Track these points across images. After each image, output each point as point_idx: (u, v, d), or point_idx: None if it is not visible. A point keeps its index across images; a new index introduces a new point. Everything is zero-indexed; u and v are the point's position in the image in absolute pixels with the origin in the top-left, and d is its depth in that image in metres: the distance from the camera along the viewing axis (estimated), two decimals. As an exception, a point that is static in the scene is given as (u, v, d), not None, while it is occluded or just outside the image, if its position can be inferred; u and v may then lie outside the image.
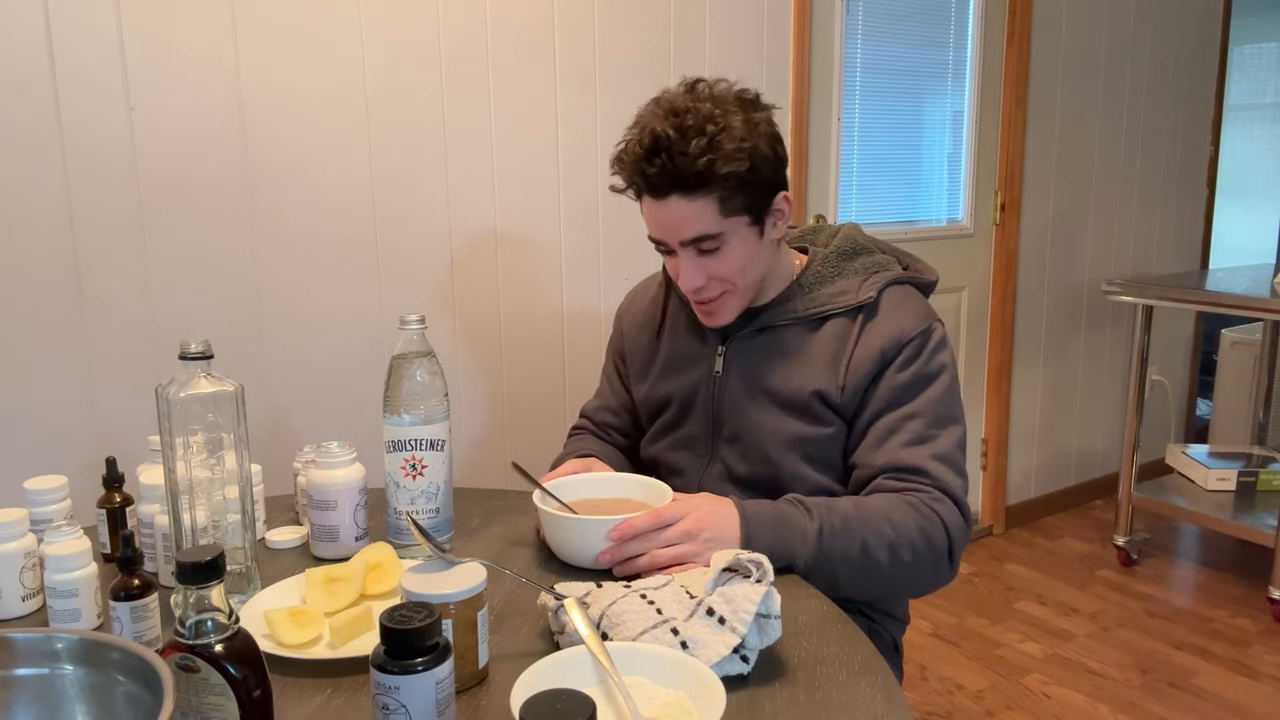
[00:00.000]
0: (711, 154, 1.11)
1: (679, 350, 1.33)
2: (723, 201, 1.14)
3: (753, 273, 1.21)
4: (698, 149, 1.10)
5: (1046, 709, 2.20)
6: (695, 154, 1.10)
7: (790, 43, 2.40)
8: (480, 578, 0.84)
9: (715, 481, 1.28)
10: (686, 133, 1.11)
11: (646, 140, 1.13)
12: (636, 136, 1.15)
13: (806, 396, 1.22)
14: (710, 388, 1.29)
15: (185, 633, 0.70)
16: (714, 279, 1.19)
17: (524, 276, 2.07)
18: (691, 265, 1.18)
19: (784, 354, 1.25)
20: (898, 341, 1.19)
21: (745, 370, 1.26)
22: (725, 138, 1.11)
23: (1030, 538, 3.16)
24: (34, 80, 1.53)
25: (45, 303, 1.59)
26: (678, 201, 1.14)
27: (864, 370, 1.19)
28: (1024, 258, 3.09)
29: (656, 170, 1.12)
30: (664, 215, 1.16)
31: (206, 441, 0.98)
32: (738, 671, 0.87)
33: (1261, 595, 2.74)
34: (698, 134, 1.11)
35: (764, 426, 1.24)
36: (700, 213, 1.14)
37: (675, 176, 1.12)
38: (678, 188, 1.13)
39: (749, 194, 1.15)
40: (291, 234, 1.79)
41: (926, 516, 1.12)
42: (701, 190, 1.13)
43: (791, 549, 1.08)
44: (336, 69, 1.80)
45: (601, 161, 2.14)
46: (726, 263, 1.18)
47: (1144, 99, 3.34)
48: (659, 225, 1.18)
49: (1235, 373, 3.51)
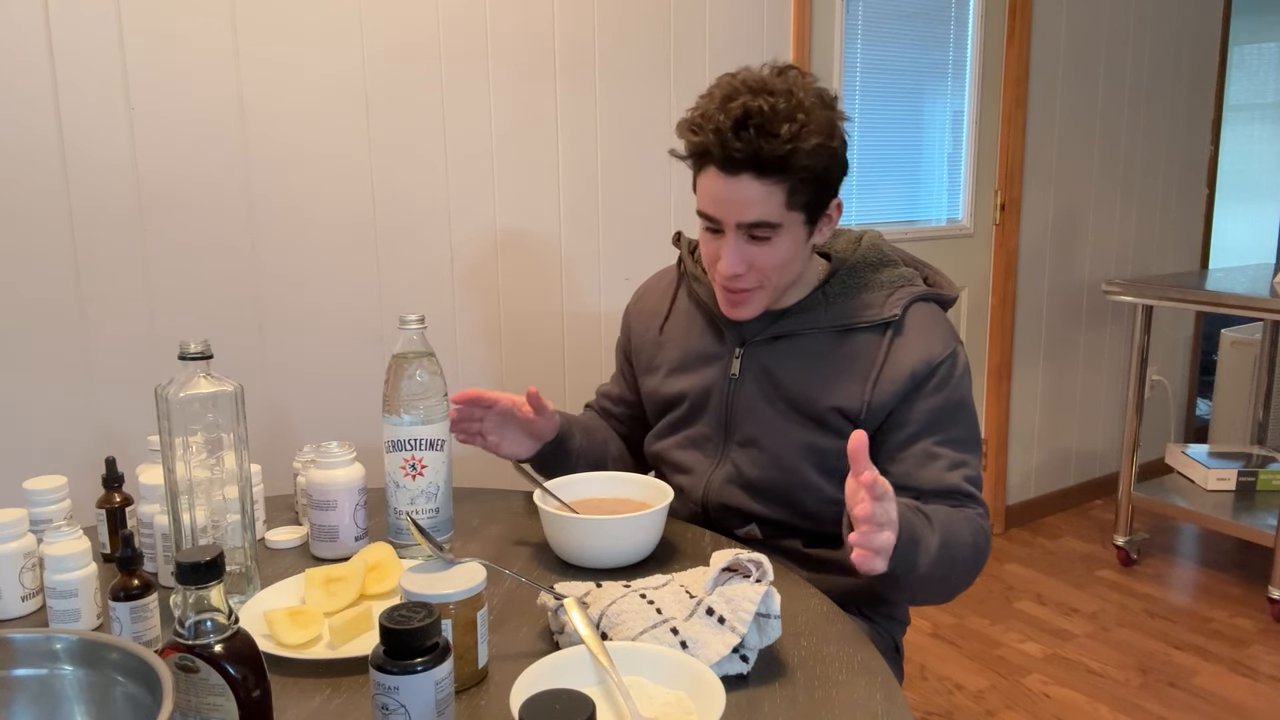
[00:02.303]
0: (797, 142, 1.10)
1: (693, 348, 1.33)
2: (791, 193, 1.13)
3: (790, 272, 1.21)
4: (788, 133, 1.09)
5: (1046, 709, 2.20)
6: (784, 138, 1.09)
7: (790, 43, 2.40)
8: (480, 578, 0.84)
9: (722, 483, 1.27)
10: (779, 115, 1.10)
11: (738, 111, 1.10)
12: (722, 105, 1.12)
13: (825, 409, 1.21)
14: (725, 390, 1.28)
15: (185, 633, 0.70)
16: (755, 270, 1.18)
17: (524, 276, 2.07)
18: (737, 250, 1.17)
19: (805, 363, 1.24)
20: (929, 364, 1.19)
21: (763, 375, 1.25)
22: (812, 131, 1.11)
23: (1030, 538, 3.16)
24: (34, 80, 1.53)
25: (45, 303, 1.59)
26: (749, 181, 1.12)
27: (893, 390, 1.19)
28: (1024, 258, 3.09)
29: (742, 144, 1.10)
30: (730, 192, 1.14)
31: (206, 441, 0.98)
32: (737, 671, 0.87)
33: (1261, 595, 2.74)
34: (788, 119, 1.10)
35: (780, 433, 1.23)
36: (767, 198, 1.13)
37: (756, 155, 1.10)
38: (754, 167, 1.11)
39: (814, 192, 1.15)
40: (291, 234, 1.79)
41: (978, 531, 1.13)
42: (776, 176, 1.12)
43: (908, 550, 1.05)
44: (337, 69, 1.80)
45: (602, 161, 2.14)
46: (772, 256, 1.17)
47: (1144, 99, 3.34)
48: (720, 202, 1.15)
49: (1235, 373, 3.51)
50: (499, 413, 1.25)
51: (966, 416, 1.21)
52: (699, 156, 1.17)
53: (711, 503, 1.28)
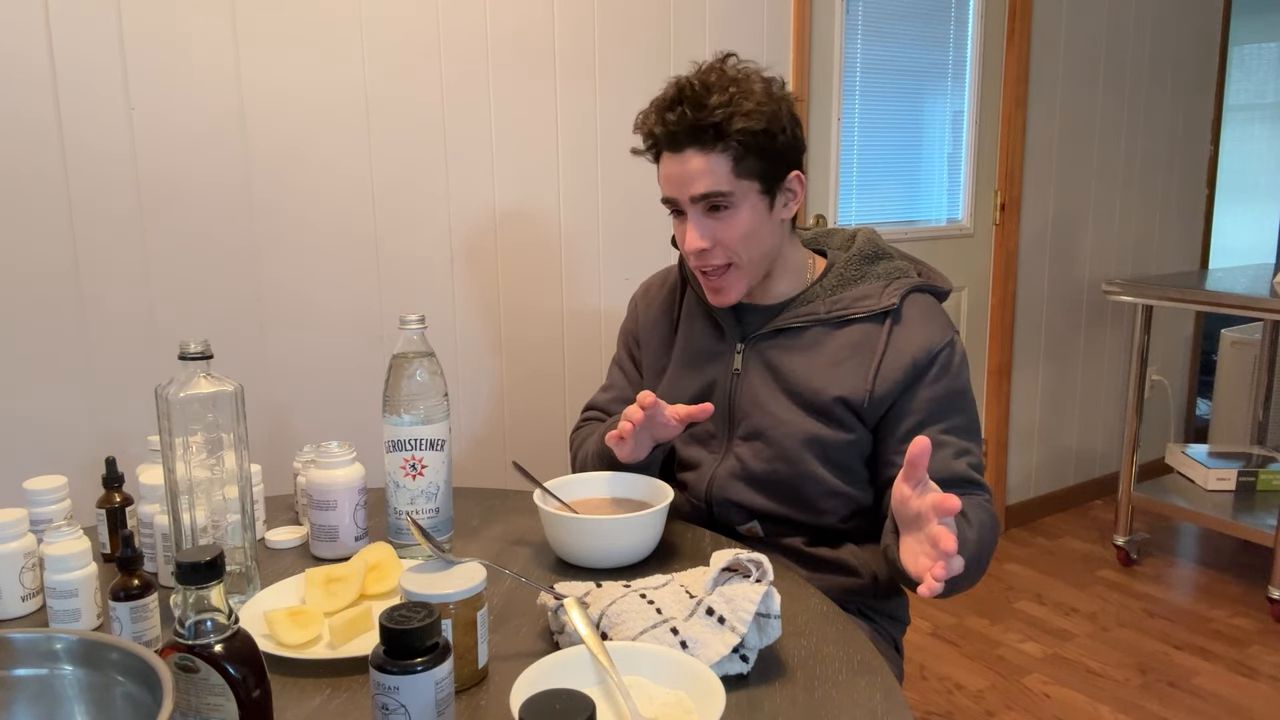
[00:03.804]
0: (730, 108, 1.15)
1: (695, 347, 1.34)
2: (736, 160, 1.17)
3: (758, 247, 1.22)
4: (718, 102, 1.15)
5: (1046, 709, 2.20)
6: (714, 106, 1.15)
7: (790, 42, 2.40)
8: (480, 578, 0.84)
9: (726, 478, 1.28)
10: (710, 88, 1.16)
11: (670, 91, 1.19)
12: (660, 95, 1.20)
13: (829, 401, 1.22)
14: (728, 385, 1.29)
15: (185, 633, 0.70)
16: (719, 244, 1.20)
17: (524, 276, 2.07)
18: (698, 225, 1.20)
19: (806, 355, 1.25)
20: (929, 352, 1.21)
21: (766, 370, 1.27)
22: (745, 97, 1.16)
23: (1030, 537, 3.16)
24: (34, 80, 1.53)
25: (45, 303, 1.59)
26: (693, 154, 1.17)
27: (895, 379, 1.20)
28: (1024, 258, 3.09)
29: (676, 118, 1.17)
30: (678, 169, 1.19)
31: (206, 441, 0.98)
32: (737, 671, 0.87)
33: (1261, 595, 2.74)
34: (718, 90, 1.16)
35: (784, 426, 1.24)
36: (713, 167, 1.17)
37: (693, 126, 1.16)
38: (695, 140, 1.16)
39: (762, 158, 1.18)
40: (291, 233, 1.79)
41: (992, 517, 1.16)
42: (717, 144, 1.16)
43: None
44: (336, 69, 1.80)
45: (602, 161, 2.14)
46: (733, 227, 1.20)
47: (1144, 99, 3.34)
48: (672, 180, 1.20)
49: (1235, 373, 3.51)
50: (649, 418, 1.20)
51: (967, 404, 1.23)
52: (650, 147, 1.24)
53: (715, 498, 1.29)
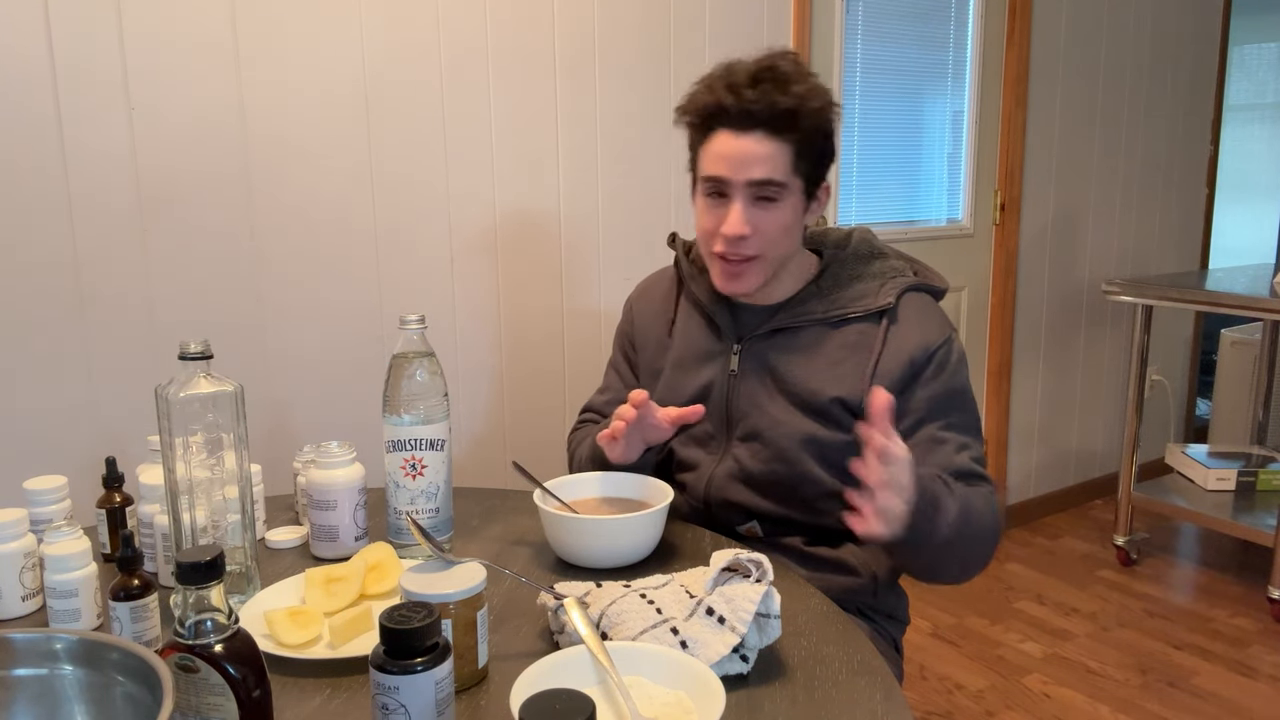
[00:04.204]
0: (807, 101, 1.16)
1: (693, 348, 1.33)
2: (797, 155, 1.18)
3: (786, 245, 1.23)
4: (799, 90, 1.15)
5: (1046, 709, 2.20)
6: (796, 93, 1.15)
7: (790, 43, 2.40)
8: (480, 578, 0.84)
9: (724, 479, 1.28)
10: (791, 74, 1.16)
11: (751, 67, 1.17)
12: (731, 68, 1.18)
13: (827, 401, 1.22)
14: (725, 386, 1.29)
15: (185, 633, 0.70)
16: (757, 234, 1.20)
17: (524, 276, 2.07)
18: (745, 211, 1.19)
19: (803, 355, 1.25)
20: (926, 351, 1.21)
21: (763, 370, 1.26)
22: (819, 94, 1.18)
23: (1030, 538, 3.16)
24: (34, 80, 1.53)
25: (45, 302, 1.59)
26: (761, 138, 1.16)
27: (893, 377, 1.20)
28: (1024, 258, 3.09)
29: (756, 96, 1.15)
30: (740, 149, 1.17)
31: (206, 441, 0.98)
32: (737, 671, 0.87)
33: (1261, 595, 2.74)
34: (799, 80, 1.16)
35: (782, 426, 1.24)
36: (776, 156, 1.17)
37: (771, 108, 1.15)
38: (766, 122, 1.16)
39: (815, 160, 1.20)
40: (291, 233, 1.79)
41: (989, 504, 1.15)
42: (786, 134, 1.16)
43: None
44: (336, 68, 1.80)
45: (602, 161, 2.14)
46: (775, 220, 1.19)
47: (1144, 99, 3.34)
48: (730, 160, 1.18)
49: (1235, 373, 3.51)
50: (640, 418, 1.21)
51: (966, 402, 1.23)
52: (709, 118, 1.20)
53: (714, 498, 1.29)
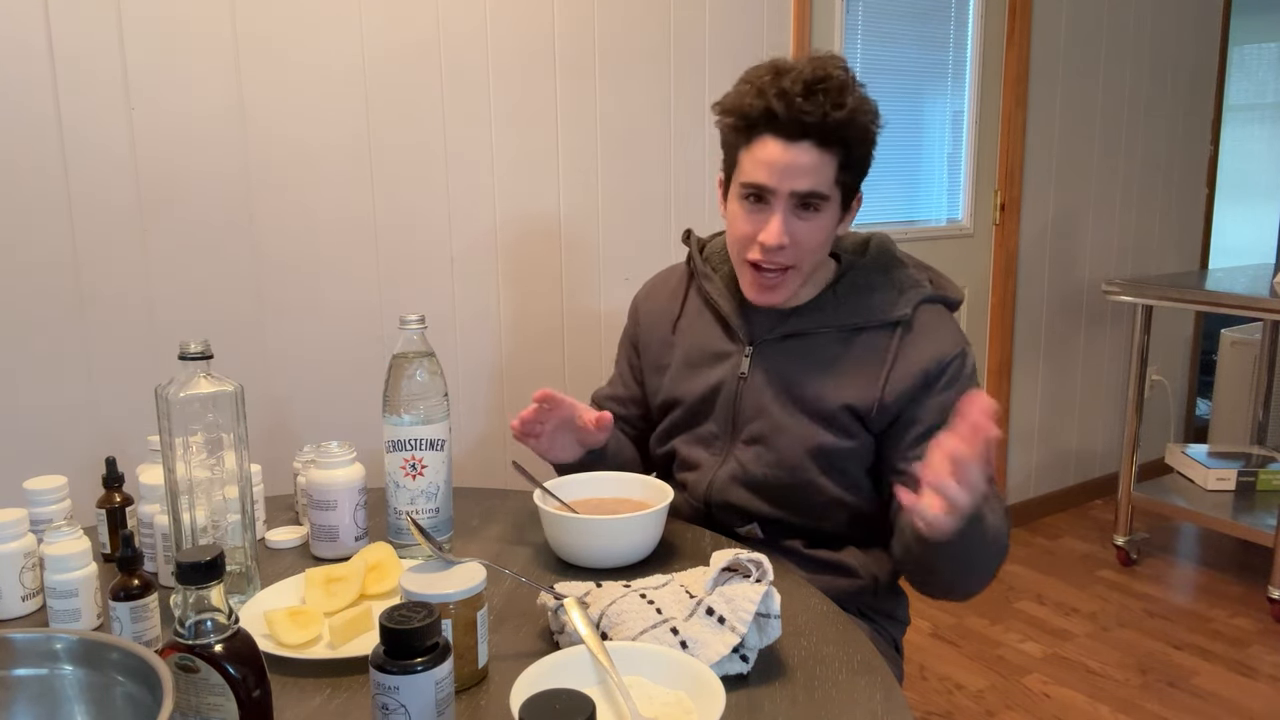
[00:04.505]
0: (857, 115, 1.14)
1: (702, 348, 1.32)
2: (841, 167, 1.17)
3: (820, 255, 1.22)
4: (851, 104, 1.14)
5: (1046, 709, 2.20)
6: (850, 107, 1.13)
7: (790, 43, 2.40)
8: (480, 578, 0.84)
9: (726, 481, 1.27)
10: (845, 87, 1.14)
11: (807, 75, 1.13)
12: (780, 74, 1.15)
13: (836, 408, 1.21)
14: (734, 388, 1.28)
15: (185, 633, 0.70)
16: (795, 244, 1.18)
17: (524, 276, 2.07)
18: (785, 221, 1.17)
19: (815, 362, 1.24)
20: (939, 362, 1.20)
21: (773, 375, 1.25)
22: (867, 109, 1.16)
23: (1030, 538, 3.16)
24: (34, 80, 1.53)
25: (45, 302, 1.59)
26: (809, 148, 1.14)
27: (905, 388, 1.19)
28: (1024, 258, 3.09)
29: (811, 107, 1.12)
30: (787, 158, 1.15)
31: (206, 441, 0.98)
32: (737, 671, 0.87)
33: (1261, 595, 2.74)
34: (851, 92, 1.14)
35: (789, 432, 1.23)
36: (822, 167, 1.15)
37: (823, 119, 1.12)
38: (817, 134, 1.14)
39: (855, 173, 1.19)
40: (291, 233, 1.79)
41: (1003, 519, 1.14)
42: (834, 146, 1.15)
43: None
44: (337, 67, 1.80)
45: (602, 161, 2.14)
46: (814, 232, 1.18)
47: (1144, 99, 3.34)
48: (775, 169, 1.15)
49: (1235, 373, 3.51)
50: (559, 416, 1.24)
51: None
52: (756, 124, 1.17)
53: (715, 500, 1.28)
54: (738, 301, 1.31)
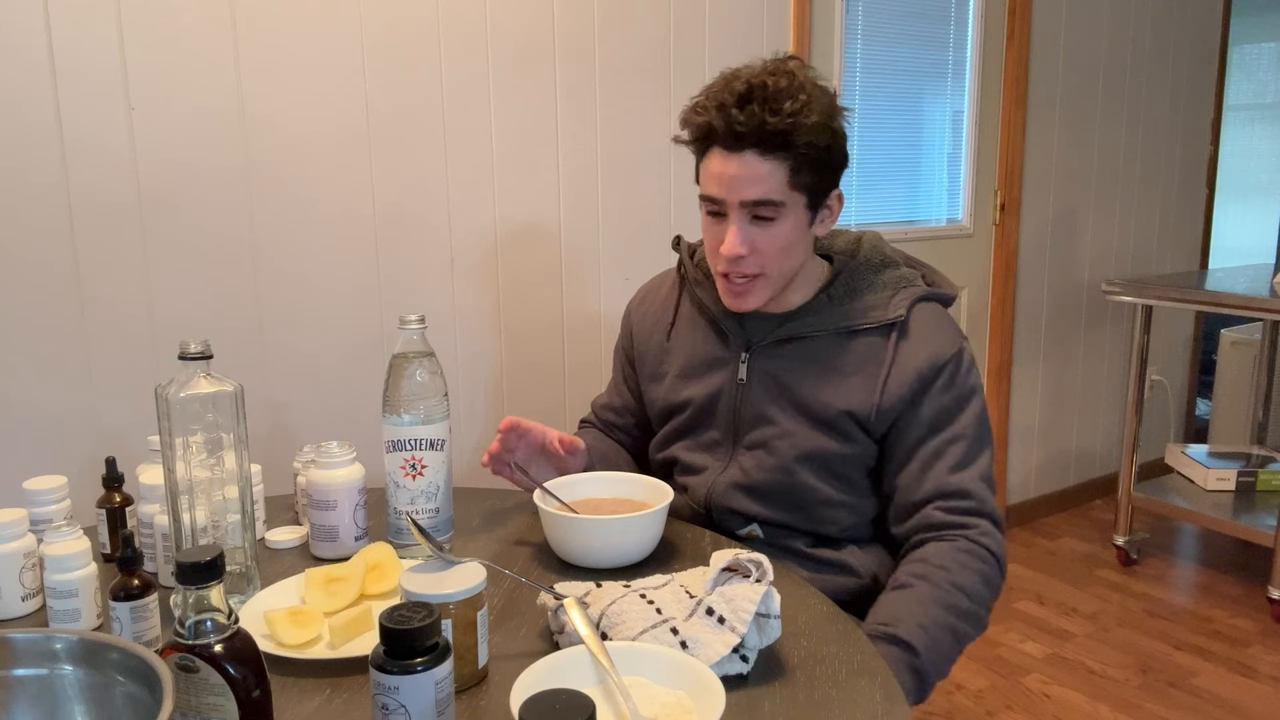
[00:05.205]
0: (799, 118, 1.12)
1: (699, 354, 1.32)
2: (793, 172, 1.14)
3: (790, 260, 1.21)
4: (790, 109, 1.11)
5: (1046, 709, 2.20)
6: (786, 112, 1.11)
7: (790, 43, 2.40)
8: (480, 578, 0.84)
9: (726, 487, 1.27)
10: (781, 91, 1.12)
11: (741, 87, 1.13)
12: (725, 85, 1.15)
13: (835, 414, 1.21)
14: (733, 394, 1.28)
15: (185, 633, 0.70)
16: (756, 253, 1.18)
17: (524, 277, 2.07)
18: (741, 231, 1.16)
19: (812, 366, 1.23)
20: (935, 364, 1.20)
21: (771, 380, 1.25)
22: (814, 109, 1.13)
23: (1030, 538, 3.16)
24: (34, 80, 1.53)
25: (45, 302, 1.59)
26: (752, 158, 1.13)
27: (901, 392, 1.19)
28: (1024, 258, 3.09)
29: (744, 117, 1.12)
30: (733, 170, 1.14)
31: (206, 441, 0.98)
32: (737, 671, 0.87)
33: (1261, 595, 2.74)
34: (790, 97, 1.12)
35: (789, 438, 1.23)
36: (770, 175, 1.14)
37: (760, 129, 1.11)
38: (758, 143, 1.13)
39: (816, 174, 1.16)
40: (291, 234, 1.79)
41: (983, 559, 1.15)
42: (779, 152, 1.13)
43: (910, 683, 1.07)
44: (337, 68, 1.80)
45: (602, 161, 2.14)
46: (774, 238, 1.17)
47: (1144, 99, 3.34)
48: (723, 180, 1.16)
49: (1235, 373, 3.51)
50: (530, 444, 1.25)
51: (974, 412, 1.21)
52: (703, 138, 1.17)
53: (715, 504, 1.28)
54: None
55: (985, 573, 1.15)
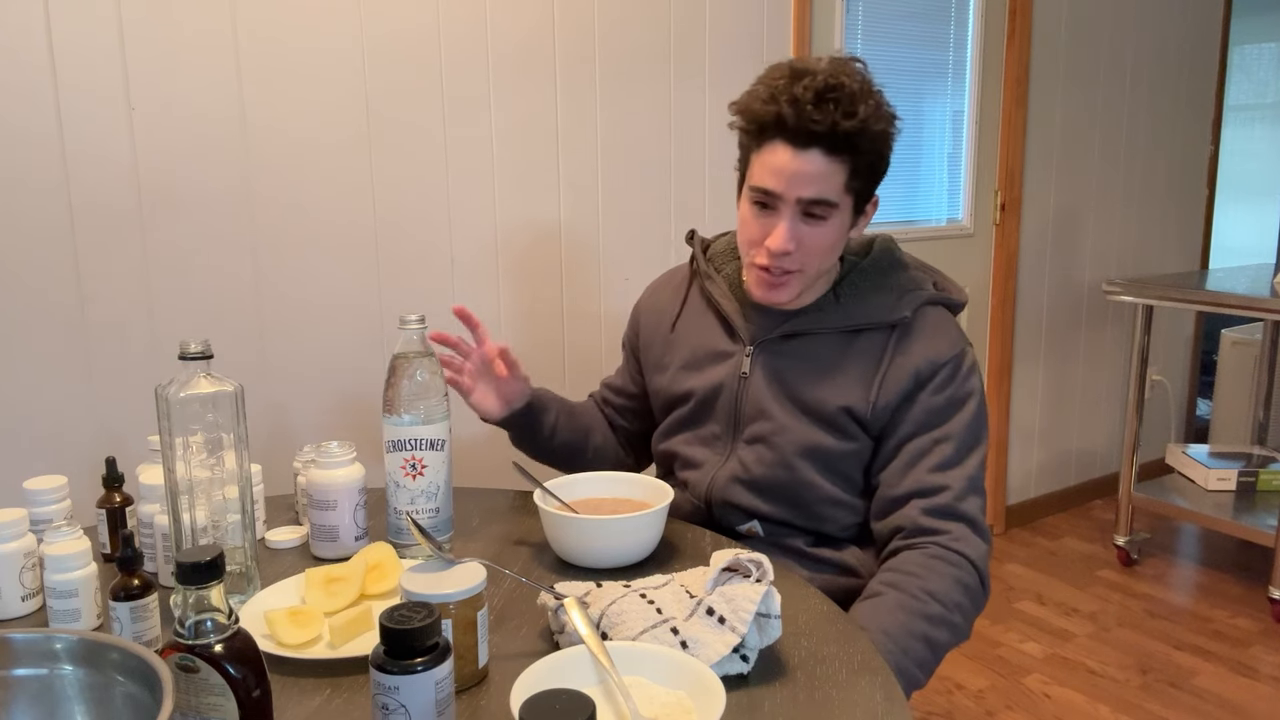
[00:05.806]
0: (869, 124, 1.13)
1: (704, 346, 1.33)
2: (851, 175, 1.15)
3: (828, 261, 1.22)
4: (863, 113, 1.12)
5: (1046, 709, 2.20)
6: (861, 116, 1.12)
7: (790, 43, 2.40)
8: (480, 578, 0.84)
9: (727, 481, 1.27)
10: (855, 95, 1.13)
11: (819, 84, 1.12)
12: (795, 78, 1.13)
13: (834, 410, 1.21)
14: (735, 388, 1.28)
15: (185, 633, 0.70)
16: (802, 250, 1.18)
17: (524, 277, 2.07)
18: (791, 227, 1.16)
19: (815, 364, 1.24)
20: (932, 364, 1.20)
21: (773, 375, 1.25)
22: (881, 117, 1.15)
23: (1030, 538, 3.16)
24: (34, 80, 1.53)
25: (45, 303, 1.59)
26: (817, 156, 1.13)
27: (896, 389, 1.19)
28: (1024, 258, 3.09)
29: (820, 116, 1.11)
30: (795, 166, 1.14)
31: (206, 441, 0.98)
32: (738, 671, 0.87)
33: (1261, 595, 2.74)
34: (864, 100, 1.13)
35: (789, 432, 1.23)
36: (831, 175, 1.14)
37: (833, 129, 1.11)
38: (826, 142, 1.12)
39: (868, 179, 1.18)
40: (292, 234, 1.79)
41: (955, 564, 1.12)
42: (843, 154, 1.14)
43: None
44: (337, 69, 1.80)
45: (602, 161, 2.14)
46: (821, 238, 1.18)
47: (1144, 99, 3.34)
48: (783, 175, 1.15)
49: (1235, 373, 3.51)
50: (479, 357, 1.29)
51: (968, 416, 1.20)
52: (767, 129, 1.16)
53: (715, 499, 1.29)
54: (740, 302, 1.31)
55: (959, 577, 1.12)
